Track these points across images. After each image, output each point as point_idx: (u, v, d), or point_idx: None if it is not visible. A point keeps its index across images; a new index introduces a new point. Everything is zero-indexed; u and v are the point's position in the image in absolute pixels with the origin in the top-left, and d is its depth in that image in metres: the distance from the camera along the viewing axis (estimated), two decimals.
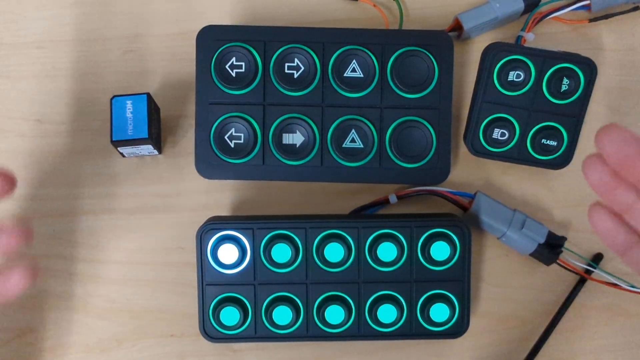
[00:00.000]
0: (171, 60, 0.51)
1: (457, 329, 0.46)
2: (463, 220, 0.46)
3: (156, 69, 0.51)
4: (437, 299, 0.45)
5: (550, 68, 0.47)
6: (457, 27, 0.50)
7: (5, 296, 0.37)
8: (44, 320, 0.49)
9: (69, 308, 0.49)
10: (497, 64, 0.47)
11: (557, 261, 0.48)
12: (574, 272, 0.48)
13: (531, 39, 0.50)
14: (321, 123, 0.48)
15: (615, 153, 0.32)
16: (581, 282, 0.49)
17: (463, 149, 0.50)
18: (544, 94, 0.47)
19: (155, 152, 0.49)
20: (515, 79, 0.47)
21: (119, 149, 0.48)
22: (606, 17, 0.52)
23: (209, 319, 0.46)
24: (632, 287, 0.48)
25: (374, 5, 0.51)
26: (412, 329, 0.46)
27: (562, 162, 0.48)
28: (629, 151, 0.32)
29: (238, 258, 0.45)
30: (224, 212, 0.50)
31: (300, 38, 0.48)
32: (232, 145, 0.48)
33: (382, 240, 0.45)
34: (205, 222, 0.46)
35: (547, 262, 0.48)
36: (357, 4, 0.52)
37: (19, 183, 0.49)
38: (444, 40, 0.48)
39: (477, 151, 0.49)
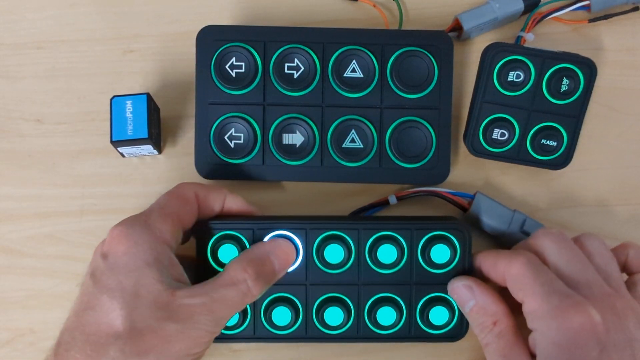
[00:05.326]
0: (171, 60, 0.51)
1: (456, 333, 0.46)
2: (464, 223, 0.46)
3: (156, 69, 0.51)
4: (436, 302, 0.45)
5: (550, 68, 0.47)
6: (457, 27, 0.50)
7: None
8: (44, 320, 0.49)
9: (68, 308, 0.49)
10: (497, 64, 0.47)
11: None
12: None
13: (531, 39, 0.50)
14: (321, 123, 0.48)
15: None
16: None
17: (463, 149, 0.50)
18: (544, 94, 0.47)
19: (155, 152, 0.49)
20: (515, 79, 0.47)
21: (119, 149, 0.48)
22: (606, 17, 0.51)
23: None
24: None
25: (374, 6, 0.51)
26: (411, 332, 0.46)
27: (562, 162, 0.48)
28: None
29: None
30: None
31: (300, 38, 0.48)
32: (232, 145, 0.48)
33: (382, 242, 0.45)
34: (205, 222, 0.46)
35: None
36: (357, 4, 0.52)
37: (18, 183, 0.50)
38: (444, 41, 0.48)
39: (477, 151, 0.49)
